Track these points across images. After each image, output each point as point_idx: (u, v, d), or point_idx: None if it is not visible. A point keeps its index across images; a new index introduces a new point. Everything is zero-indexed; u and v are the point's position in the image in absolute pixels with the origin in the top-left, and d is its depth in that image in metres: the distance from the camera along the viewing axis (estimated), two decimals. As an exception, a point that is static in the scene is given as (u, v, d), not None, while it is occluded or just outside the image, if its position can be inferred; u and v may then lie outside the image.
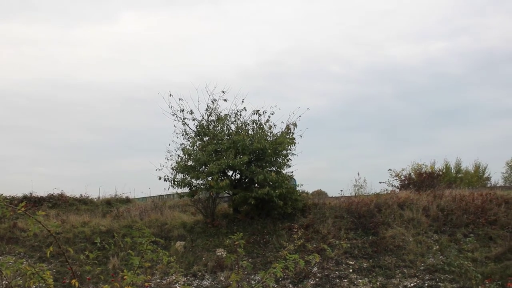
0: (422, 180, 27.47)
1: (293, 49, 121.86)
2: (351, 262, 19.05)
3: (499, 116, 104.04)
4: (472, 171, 51.71)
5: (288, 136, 22.71)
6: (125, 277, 5.85)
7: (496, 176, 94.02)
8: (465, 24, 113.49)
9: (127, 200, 31.86)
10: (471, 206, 21.68)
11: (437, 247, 19.72)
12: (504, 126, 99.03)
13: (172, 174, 22.64)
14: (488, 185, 37.24)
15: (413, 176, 29.35)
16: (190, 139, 23.05)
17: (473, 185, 41.31)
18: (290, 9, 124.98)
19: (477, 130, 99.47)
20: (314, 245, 19.30)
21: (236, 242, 7.20)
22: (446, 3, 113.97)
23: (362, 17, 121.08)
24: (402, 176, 28.72)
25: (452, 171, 47.27)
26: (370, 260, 19.18)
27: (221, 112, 23.15)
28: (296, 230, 20.00)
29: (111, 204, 30.13)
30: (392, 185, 27.60)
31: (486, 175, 51.31)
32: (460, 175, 50.08)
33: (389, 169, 28.73)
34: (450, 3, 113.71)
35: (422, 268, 18.74)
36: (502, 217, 21.12)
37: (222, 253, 19.57)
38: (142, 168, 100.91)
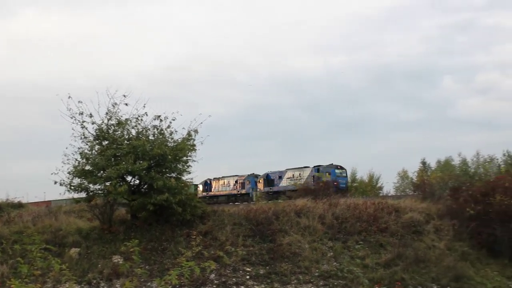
0: (319, 189, 28.44)
1: (198, 56, 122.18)
2: (248, 269, 19.53)
3: (394, 129, 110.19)
4: (367, 181, 54.46)
5: (189, 143, 22.73)
6: (12, 286, 5.68)
7: (388, 185, 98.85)
8: (365, 40, 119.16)
9: (20, 205, 30.36)
10: (364, 214, 22.97)
11: (331, 254, 20.68)
12: (398, 138, 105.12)
13: (68, 178, 21.90)
14: (381, 194, 39.98)
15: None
16: (88, 143, 22.56)
17: (367, 194, 44.16)
18: (196, 16, 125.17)
19: (372, 141, 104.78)
20: (212, 252, 19.42)
21: (131, 249, 7.18)
22: (348, 18, 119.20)
23: (269, 28, 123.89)
24: (300, 185, 29.65)
25: (348, 180, 49.95)
26: (267, 267, 19.75)
27: (121, 116, 22.81)
28: (194, 236, 20.15)
29: (2, 209, 28.60)
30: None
31: (379, 184, 54.23)
32: (355, 184, 52.72)
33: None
34: (352, 19, 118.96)
35: (316, 274, 19.60)
36: (392, 225, 22.52)
37: (119, 260, 19.22)
38: (37, 172, 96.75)
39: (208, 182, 59.26)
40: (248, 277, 19.70)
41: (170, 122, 23.49)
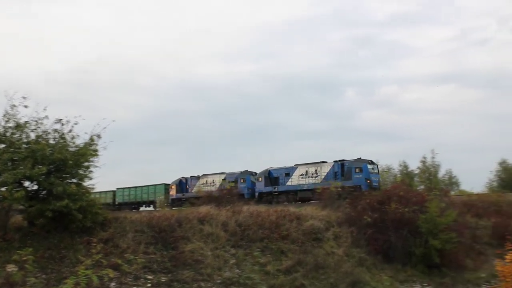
0: (223, 196, 29.07)
1: (104, 59, 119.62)
2: (149, 277, 19.82)
3: (298, 137, 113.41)
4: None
5: (91, 148, 22.54)
6: None
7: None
8: (272, 49, 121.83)
9: None
10: (267, 222, 23.86)
11: (234, 261, 21.38)
12: (302, 147, 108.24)
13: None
14: (285, 202, 40.85)
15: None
16: (-17, 146, 21.71)
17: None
18: (104, 18, 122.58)
19: (279, 149, 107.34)
20: (113, 260, 19.45)
21: (25, 258, 7.33)
22: (256, 28, 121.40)
23: (179, 34, 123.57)
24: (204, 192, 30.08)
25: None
26: (169, 275, 20.15)
27: (20, 118, 22.18)
28: (94, 244, 20.06)
29: None
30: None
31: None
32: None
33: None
34: (260, 28, 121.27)
35: (219, 281, 20.23)
36: (293, 232, 23.54)
37: (13, 269, 18.80)
38: None
39: (184, 181, 53.59)
40: (149, 285, 19.94)
41: (72, 126, 23.16)
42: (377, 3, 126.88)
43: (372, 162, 42.46)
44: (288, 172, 45.34)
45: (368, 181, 40.50)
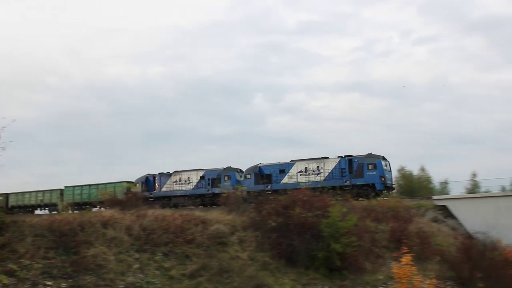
0: (128, 199, 28.87)
1: (5, 55, 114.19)
2: (49, 283, 19.51)
3: (207, 141, 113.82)
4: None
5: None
6: None
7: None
8: (182, 52, 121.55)
9: None
10: (172, 226, 23.93)
11: (138, 265, 21.33)
12: (211, 151, 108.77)
13: None
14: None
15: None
16: None
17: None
18: (9, 14, 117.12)
19: (186, 152, 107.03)
20: (9, 265, 18.89)
21: None
22: (167, 30, 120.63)
23: (85, 33, 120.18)
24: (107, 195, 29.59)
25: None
26: (70, 280, 19.91)
27: None
28: (-12, 249, 19.38)
29: None
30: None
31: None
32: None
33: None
34: (170, 30, 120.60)
35: (121, 286, 20.39)
36: (198, 237, 23.88)
37: None
38: None
39: (151, 179, 49.49)
40: (48, 291, 19.51)
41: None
42: (288, 12, 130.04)
43: (384, 158, 40.44)
44: (283, 168, 42.60)
45: (383, 178, 38.95)
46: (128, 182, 50.94)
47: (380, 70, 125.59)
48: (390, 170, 41.08)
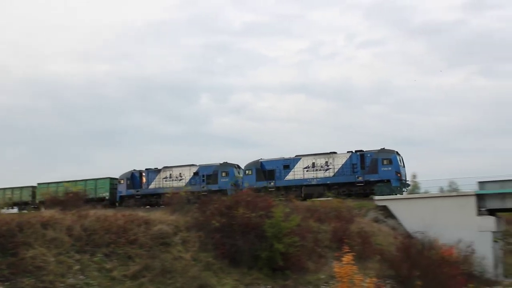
0: (68, 200, 28.47)
1: None
2: (-17, 286, 18.84)
3: (153, 141, 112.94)
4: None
5: None
6: None
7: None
8: (128, 51, 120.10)
9: None
10: (114, 226, 23.81)
11: (78, 266, 21.11)
12: (157, 151, 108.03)
13: None
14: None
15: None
16: None
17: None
18: None
19: (131, 152, 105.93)
20: None
21: None
22: (113, 28, 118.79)
23: (27, 27, 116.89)
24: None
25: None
26: (7, 283, 19.61)
27: None
28: None
29: None
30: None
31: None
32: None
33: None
34: (116, 28, 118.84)
35: (61, 288, 19.71)
36: (141, 237, 23.84)
37: None
38: None
39: (137, 175, 47.04)
40: (-17, 294, 19.08)
41: None
42: (235, 12, 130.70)
43: (398, 153, 39.36)
44: (287, 164, 41.38)
45: (398, 174, 38.46)
46: (112, 178, 48.86)
47: (326, 72, 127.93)
48: (404, 166, 40.47)
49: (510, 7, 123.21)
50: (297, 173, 40.81)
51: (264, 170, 42.00)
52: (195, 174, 44.73)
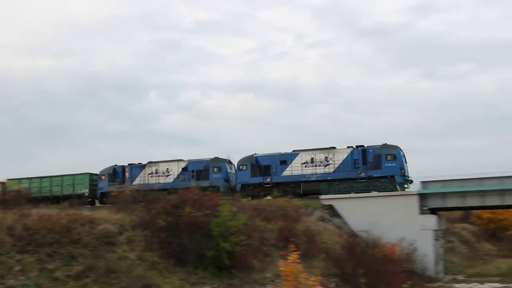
0: (9, 198, 27.80)
1: None
2: None
3: (100, 139, 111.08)
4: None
5: None
6: None
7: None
8: (75, 46, 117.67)
9: None
10: (57, 226, 23.42)
11: (19, 267, 20.61)
12: (103, 149, 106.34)
13: None
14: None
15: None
16: None
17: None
18: None
19: (80, 150, 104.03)
20: None
21: None
22: (58, 22, 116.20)
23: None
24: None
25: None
26: None
27: None
28: None
29: None
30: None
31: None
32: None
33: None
34: (62, 23, 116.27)
35: (1, 290, 19.31)
36: (85, 236, 23.61)
37: None
38: None
39: (120, 170, 45.22)
40: None
41: None
42: (185, 9, 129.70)
43: (400, 149, 38.81)
44: (284, 159, 40.42)
45: (402, 170, 37.93)
46: (91, 174, 46.63)
47: (275, 71, 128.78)
48: (406, 162, 40.07)
49: (455, 11, 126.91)
50: (295, 169, 40.29)
51: (259, 166, 41.28)
52: (184, 169, 43.69)
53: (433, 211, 39.41)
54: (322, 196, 40.68)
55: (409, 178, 39.91)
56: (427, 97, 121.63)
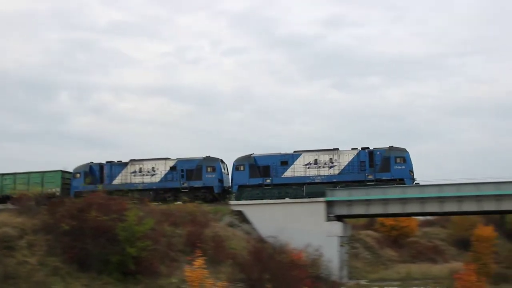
0: None
1: None
2: None
3: (7, 139, 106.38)
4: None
5: None
6: None
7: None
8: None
9: None
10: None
11: None
12: (12, 150, 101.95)
13: None
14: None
15: None
16: None
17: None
18: None
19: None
20: None
21: None
22: None
23: None
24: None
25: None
26: None
27: None
28: None
29: None
30: None
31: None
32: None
33: None
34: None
35: None
36: None
37: None
38: None
39: (97, 168, 42.17)
40: None
41: None
42: (100, 9, 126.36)
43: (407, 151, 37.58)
44: (285, 160, 39.14)
45: (412, 173, 37.05)
46: (64, 171, 43.19)
47: (190, 76, 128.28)
48: (412, 165, 39.38)
49: (367, 26, 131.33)
50: (297, 170, 39.26)
51: (258, 166, 40.11)
52: (172, 168, 41.78)
53: (339, 218, 40.41)
54: (232, 202, 40.84)
55: (417, 182, 39.29)
56: (338, 107, 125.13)
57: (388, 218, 52.76)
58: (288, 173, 39.69)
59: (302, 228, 37.09)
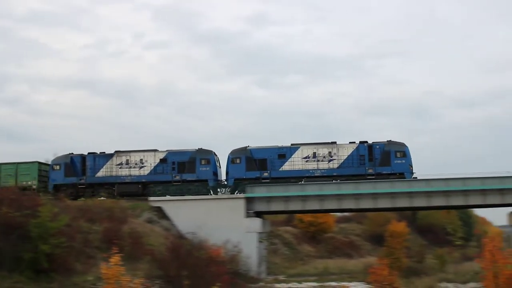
0: None
1: None
2: None
3: None
4: None
5: None
6: None
7: None
8: None
9: None
10: None
11: None
12: None
13: None
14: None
15: None
16: None
17: None
18: None
19: None
20: None
21: None
22: None
23: None
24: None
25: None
26: None
27: None
28: None
29: None
30: None
31: None
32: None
33: None
34: None
35: None
36: None
37: None
38: None
39: (78, 160, 39.60)
40: None
41: None
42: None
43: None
44: (282, 153, 38.40)
45: (411, 167, 36.86)
46: (41, 163, 40.66)
47: (111, 69, 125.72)
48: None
49: (289, 25, 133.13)
50: (296, 164, 38.77)
51: (254, 159, 39.50)
52: (162, 161, 40.53)
53: (258, 214, 40.90)
54: (151, 198, 40.51)
55: (416, 177, 39.21)
56: (260, 104, 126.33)
57: (307, 214, 53.80)
58: (286, 166, 39.32)
59: (221, 224, 37.31)
